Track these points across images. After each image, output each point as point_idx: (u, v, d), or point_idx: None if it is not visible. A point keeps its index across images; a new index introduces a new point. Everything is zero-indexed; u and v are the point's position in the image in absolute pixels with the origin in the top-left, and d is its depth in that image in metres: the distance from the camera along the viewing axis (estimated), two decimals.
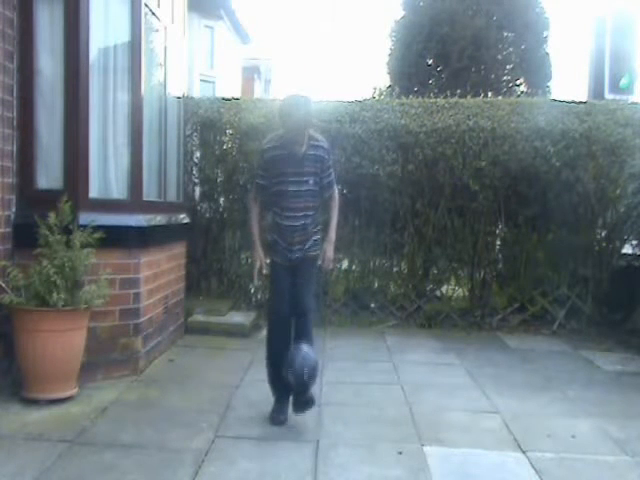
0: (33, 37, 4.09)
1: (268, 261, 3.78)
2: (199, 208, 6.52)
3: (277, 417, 3.60)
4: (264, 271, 3.77)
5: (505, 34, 10.73)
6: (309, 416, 3.62)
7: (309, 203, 3.62)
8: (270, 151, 3.62)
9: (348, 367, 4.86)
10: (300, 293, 3.64)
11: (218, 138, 6.41)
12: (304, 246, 3.65)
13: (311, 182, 3.59)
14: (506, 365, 5.10)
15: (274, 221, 3.73)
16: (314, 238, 3.71)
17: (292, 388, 3.54)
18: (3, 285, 3.73)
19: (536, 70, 10.67)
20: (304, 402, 3.57)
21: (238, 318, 6.04)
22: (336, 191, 3.84)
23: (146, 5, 4.58)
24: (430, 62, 10.80)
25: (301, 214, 3.60)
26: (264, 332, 5.79)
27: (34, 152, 4.14)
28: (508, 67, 10.83)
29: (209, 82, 9.97)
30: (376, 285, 6.57)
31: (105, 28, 4.33)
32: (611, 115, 6.07)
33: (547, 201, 6.12)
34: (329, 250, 3.76)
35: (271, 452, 3.19)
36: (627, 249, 6.48)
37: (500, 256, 6.64)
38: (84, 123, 4.12)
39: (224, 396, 4.03)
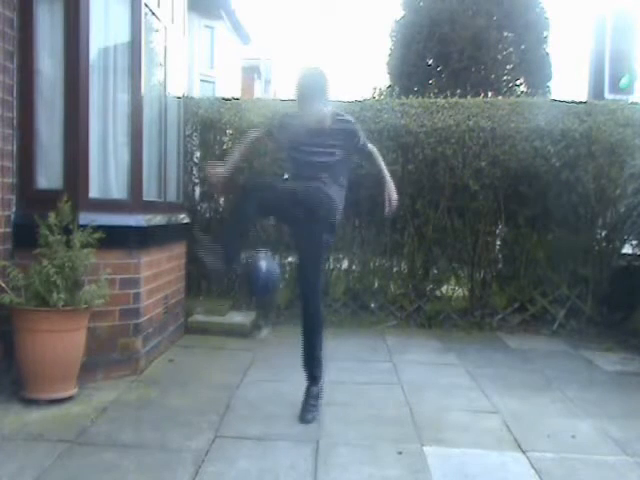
0: (33, 37, 4.08)
1: None
2: (199, 208, 6.51)
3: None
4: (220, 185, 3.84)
5: (505, 34, 10.73)
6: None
7: (323, 173, 3.58)
8: (286, 117, 3.82)
9: (348, 367, 4.86)
10: (303, 271, 3.62)
11: (218, 138, 6.40)
12: (315, 200, 3.50)
13: (337, 153, 3.61)
14: (506, 365, 5.10)
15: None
16: (331, 207, 3.57)
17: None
18: (3, 285, 3.73)
19: (536, 70, 10.67)
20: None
21: (238, 318, 6.04)
22: (374, 147, 3.93)
23: (146, 5, 4.57)
24: (430, 62, 10.80)
25: (312, 179, 3.56)
26: (264, 332, 5.84)
27: (34, 152, 4.14)
28: (508, 67, 10.83)
29: (209, 82, 9.98)
30: (376, 285, 6.56)
31: (105, 28, 4.33)
32: (611, 115, 6.07)
33: (547, 201, 6.11)
34: (392, 192, 3.77)
35: (271, 452, 3.19)
36: (627, 249, 6.49)
37: (500, 256, 6.64)
38: (84, 123, 4.11)
39: (224, 396, 4.02)
